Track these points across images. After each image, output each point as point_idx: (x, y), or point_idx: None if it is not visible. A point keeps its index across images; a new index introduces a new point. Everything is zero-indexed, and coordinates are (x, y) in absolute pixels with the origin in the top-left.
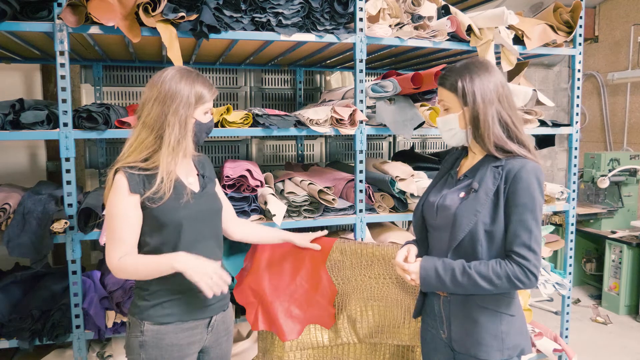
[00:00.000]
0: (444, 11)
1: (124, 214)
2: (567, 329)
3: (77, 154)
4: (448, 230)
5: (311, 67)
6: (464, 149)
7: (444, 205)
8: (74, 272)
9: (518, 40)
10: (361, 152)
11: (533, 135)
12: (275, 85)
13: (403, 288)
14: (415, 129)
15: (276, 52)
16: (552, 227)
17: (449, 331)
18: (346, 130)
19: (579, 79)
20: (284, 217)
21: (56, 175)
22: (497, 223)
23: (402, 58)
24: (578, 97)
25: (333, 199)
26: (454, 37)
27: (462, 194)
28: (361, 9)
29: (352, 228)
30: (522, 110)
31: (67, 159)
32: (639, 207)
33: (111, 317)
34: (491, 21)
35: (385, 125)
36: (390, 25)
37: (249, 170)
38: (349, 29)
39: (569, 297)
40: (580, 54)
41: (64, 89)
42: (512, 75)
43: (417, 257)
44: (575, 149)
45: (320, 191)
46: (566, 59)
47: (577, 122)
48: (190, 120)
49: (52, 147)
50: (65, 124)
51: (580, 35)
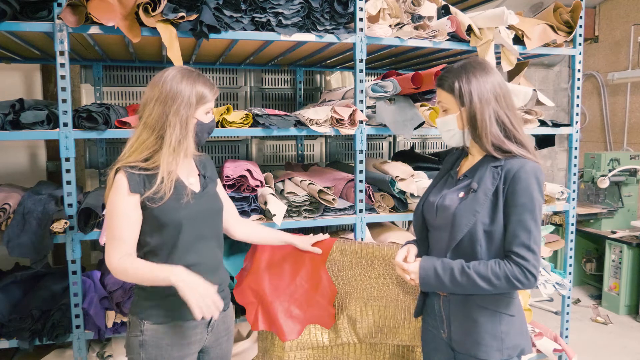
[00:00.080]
0: (444, 11)
1: (124, 213)
2: (567, 329)
3: (77, 154)
4: (447, 230)
5: (311, 67)
6: (465, 149)
7: (443, 205)
8: (74, 272)
9: (518, 40)
10: (361, 152)
11: (533, 135)
12: (275, 85)
13: (403, 288)
14: (415, 129)
15: (276, 52)
16: (552, 227)
17: (449, 331)
18: (346, 130)
19: (579, 79)
20: (284, 217)
21: (56, 175)
22: (496, 223)
23: (402, 58)
24: (578, 97)
25: (333, 199)
26: (454, 37)
27: (461, 194)
28: (361, 9)
29: (352, 228)
30: (522, 110)
31: (67, 159)
32: (639, 207)
33: (111, 317)
34: (491, 21)
35: (385, 125)
36: (390, 25)
37: (249, 170)
38: (349, 29)
39: (569, 297)
40: (580, 54)
41: (64, 89)
42: (512, 75)
43: (417, 257)
44: (575, 149)
45: (320, 191)
46: (566, 59)
47: (577, 122)
48: (192, 121)
49: (52, 147)
50: (65, 124)
51: (580, 35)
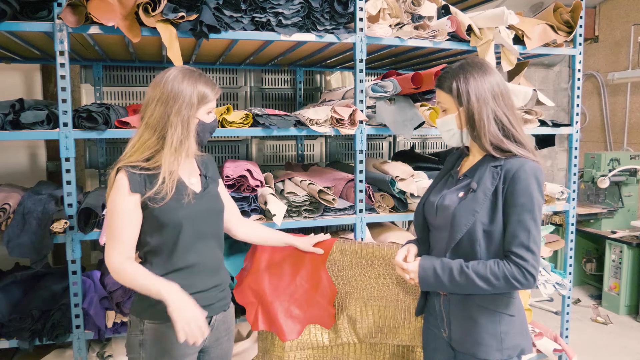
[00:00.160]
0: (444, 11)
1: (124, 212)
2: (567, 329)
3: (77, 154)
4: (447, 230)
5: (311, 67)
6: (466, 148)
7: (443, 205)
8: (74, 272)
9: (518, 40)
10: (361, 152)
11: (533, 135)
12: (275, 85)
13: (403, 288)
14: (415, 129)
15: (276, 52)
16: (552, 227)
17: (449, 330)
18: (346, 130)
19: (579, 79)
20: (284, 217)
21: (56, 175)
22: (496, 223)
23: (402, 58)
24: (578, 97)
25: (333, 199)
26: (454, 37)
27: (461, 194)
28: (361, 9)
29: (352, 228)
30: (522, 110)
31: (67, 159)
32: (639, 207)
33: (111, 317)
34: (491, 21)
35: (385, 125)
36: (390, 25)
37: (249, 170)
38: (349, 28)
39: (569, 297)
40: (580, 54)
41: (64, 89)
42: (512, 75)
43: (417, 256)
44: (576, 149)
45: (320, 191)
46: (566, 59)
47: (577, 122)
48: (193, 121)
49: (52, 147)
50: (65, 124)
51: (580, 35)
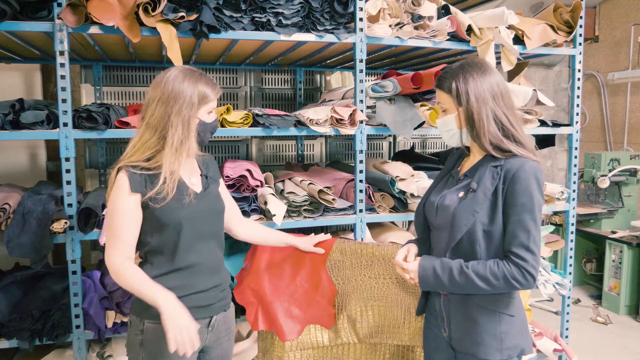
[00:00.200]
0: (444, 11)
1: (125, 212)
2: (567, 329)
3: (77, 154)
4: (447, 230)
5: (311, 67)
6: (466, 148)
7: (443, 205)
8: (74, 272)
9: (518, 40)
10: (361, 152)
11: (533, 135)
12: (275, 85)
13: (403, 288)
14: (415, 129)
15: (276, 52)
16: (552, 227)
17: (450, 330)
18: (346, 130)
19: (579, 79)
20: (284, 217)
21: (56, 175)
22: (496, 223)
23: (402, 58)
24: (578, 97)
25: (333, 199)
26: (454, 37)
27: (461, 194)
28: (361, 9)
29: (352, 228)
30: (522, 110)
31: (67, 159)
32: (639, 207)
33: (111, 317)
34: (491, 21)
35: (385, 125)
36: (390, 25)
37: (249, 170)
38: (349, 28)
39: (569, 297)
40: (580, 54)
41: (64, 89)
42: (512, 75)
43: (417, 256)
44: (576, 149)
45: (320, 191)
46: (566, 59)
47: (577, 122)
48: (194, 121)
49: (52, 147)
50: (65, 124)
51: (580, 35)
